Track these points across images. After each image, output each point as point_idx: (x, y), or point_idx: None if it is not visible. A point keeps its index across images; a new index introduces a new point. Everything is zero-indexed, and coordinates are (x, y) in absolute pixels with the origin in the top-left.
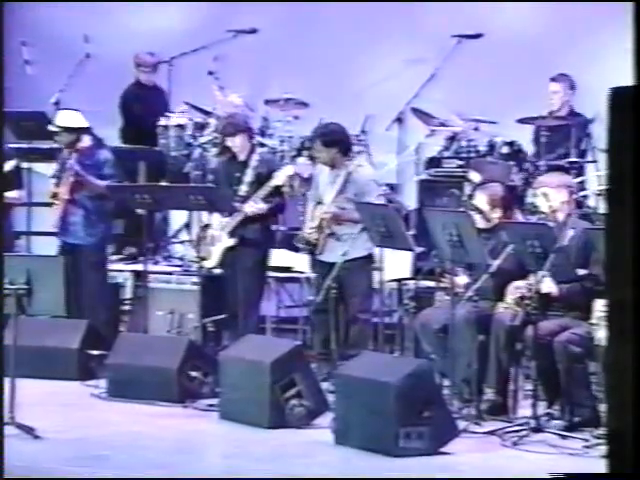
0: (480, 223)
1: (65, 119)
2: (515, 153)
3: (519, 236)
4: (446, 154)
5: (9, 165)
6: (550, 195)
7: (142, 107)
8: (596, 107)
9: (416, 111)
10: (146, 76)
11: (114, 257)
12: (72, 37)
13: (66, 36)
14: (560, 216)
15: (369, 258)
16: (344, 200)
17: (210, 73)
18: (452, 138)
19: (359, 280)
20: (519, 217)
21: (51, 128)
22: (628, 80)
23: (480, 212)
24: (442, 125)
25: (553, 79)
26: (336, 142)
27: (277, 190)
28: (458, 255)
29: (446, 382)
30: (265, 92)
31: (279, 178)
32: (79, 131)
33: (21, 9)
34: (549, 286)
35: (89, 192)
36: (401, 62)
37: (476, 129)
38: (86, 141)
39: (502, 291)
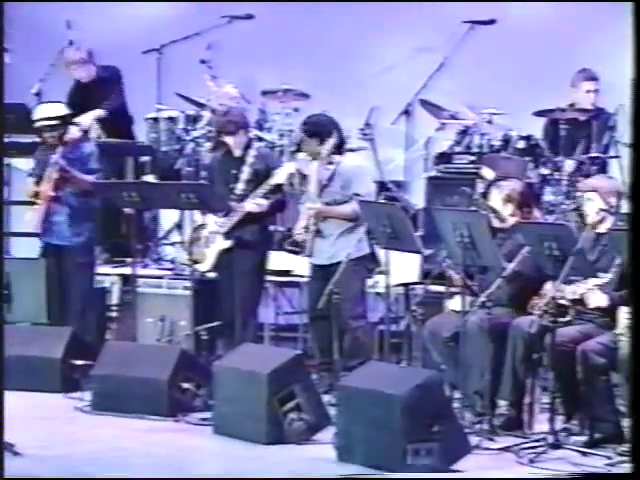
0: (494, 223)
1: (50, 110)
2: (531, 148)
3: (536, 237)
4: (457, 149)
5: None
6: (596, 202)
7: (84, 108)
8: (617, 100)
9: (425, 103)
10: (79, 72)
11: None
12: (54, 23)
13: (48, 22)
14: (602, 226)
15: (361, 259)
16: (330, 194)
17: (203, 62)
18: (464, 132)
19: (349, 283)
20: (537, 217)
21: (38, 117)
22: None
23: (494, 211)
24: (453, 118)
25: (590, 77)
26: (318, 133)
27: (277, 188)
28: (470, 258)
29: (457, 394)
30: (262, 82)
31: (279, 176)
32: (66, 122)
33: None
34: (598, 299)
35: (75, 188)
36: (409, 50)
37: (489, 122)
38: (74, 133)
39: (517, 297)
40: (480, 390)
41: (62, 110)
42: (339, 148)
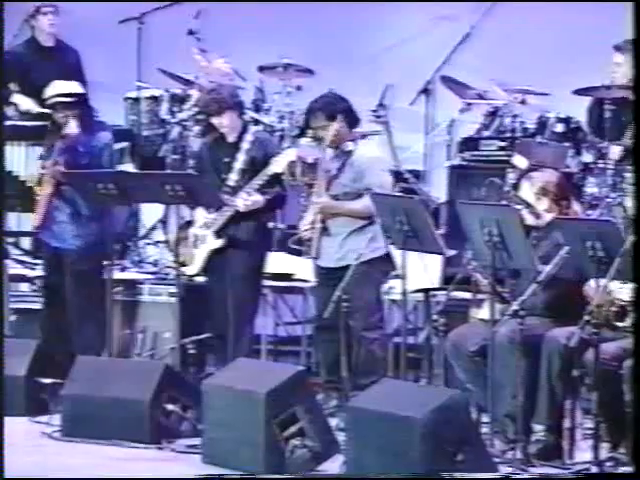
0: (528, 220)
1: (64, 89)
2: (572, 132)
3: (576, 236)
4: (485, 133)
5: None
6: None
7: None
8: None
9: (447, 80)
10: (48, 28)
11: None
12: None
13: None
14: None
15: (375, 261)
16: (340, 187)
17: (190, 33)
18: (493, 114)
19: (361, 289)
20: (577, 212)
21: (51, 93)
22: None
23: (527, 206)
24: (480, 97)
25: (617, 48)
26: (342, 112)
27: (275, 179)
28: (500, 259)
29: (485, 418)
30: (259, 57)
31: (278, 164)
32: (79, 106)
33: None
34: None
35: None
36: (428, 19)
37: (522, 102)
38: (72, 127)
39: (554, 305)
40: (512, 413)
41: (78, 88)
42: (353, 130)
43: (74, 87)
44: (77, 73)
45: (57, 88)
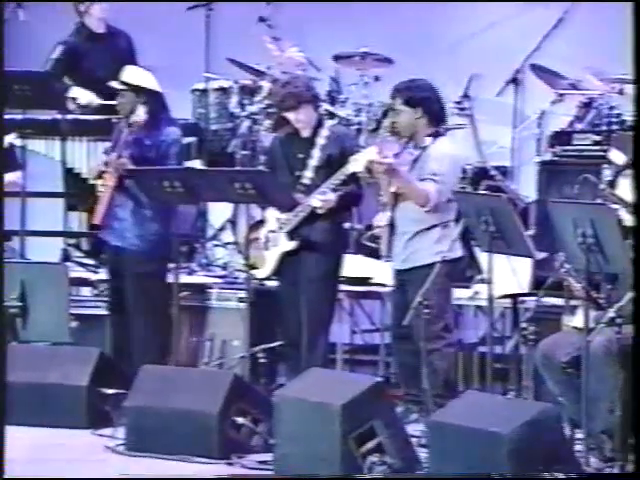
0: (626, 220)
1: (134, 76)
2: None
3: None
4: (578, 126)
5: (5, 141)
6: None
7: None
8: None
9: (538, 69)
10: (99, 13)
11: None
12: None
13: None
14: None
15: (450, 264)
16: None
17: (262, 20)
18: (587, 105)
19: (431, 296)
20: None
21: (113, 84)
22: None
23: (625, 205)
24: (573, 88)
25: None
26: (416, 102)
27: (351, 177)
28: (595, 263)
29: (579, 434)
30: (335, 45)
31: (358, 164)
32: (149, 96)
33: None
34: None
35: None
36: (516, 3)
37: (620, 92)
38: (140, 114)
39: None
40: (609, 429)
41: (149, 80)
42: (437, 126)
43: (147, 79)
44: (130, 59)
45: (129, 75)
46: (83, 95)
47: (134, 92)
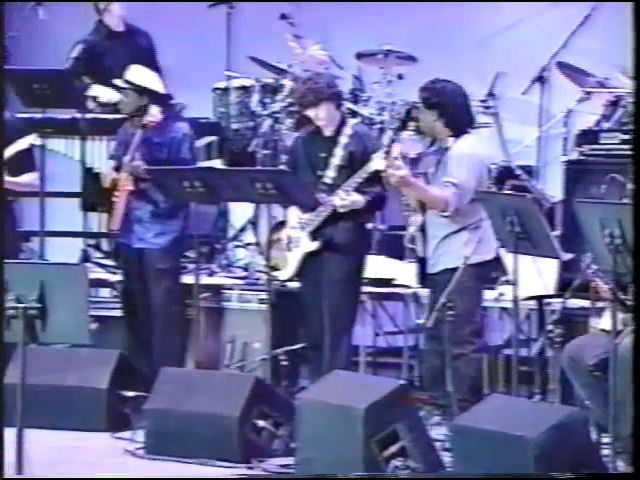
0: None
1: (138, 76)
2: None
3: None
4: (606, 125)
5: (25, 142)
6: None
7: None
8: None
9: (564, 67)
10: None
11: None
12: None
13: None
14: None
15: (478, 267)
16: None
17: (283, 17)
18: (615, 103)
19: (458, 298)
20: None
21: (117, 82)
22: None
23: None
24: (601, 86)
25: None
26: (439, 104)
27: (375, 176)
28: (623, 264)
29: (606, 438)
30: (357, 43)
31: (380, 162)
32: (153, 96)
33: None
34: None
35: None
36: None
37: None
38: (155, 114)
39: None
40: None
41: (153, 81)
42: (455, 131)
43: (151, 79)
44: (150, 57)
45: (133, 75)
46: (103, 93)
47: (137, 92)
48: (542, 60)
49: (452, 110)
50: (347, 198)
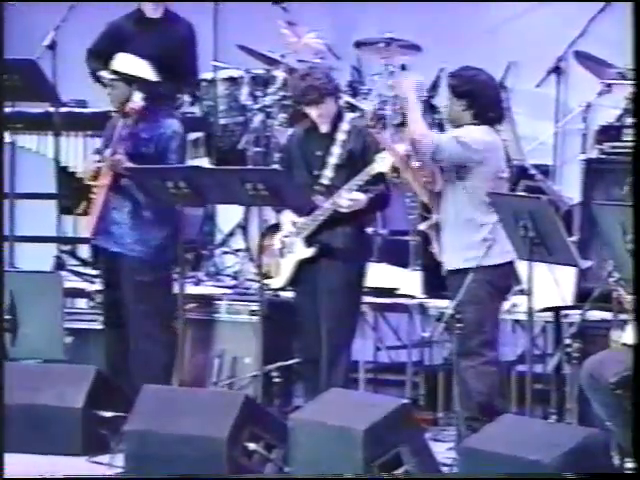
0: None
1: (126, 64)
2: None
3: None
4: (628, 121)
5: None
6: None
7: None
8: None
9: (582, 57)
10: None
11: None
12: None
13: None
14: None
15: (490, 271)
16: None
17: (276, 2)
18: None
19: (467, 305)
20: None
21: (103, 74)
22: None
23: None
24: (622, 78)
25: None
26: (468, 93)
27: (377, 176)
28: None
29: (629, 463)
30: (357, 30)
31: (384, 163)
32: (143, 86)
33: None
34: None
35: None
36: None
37: None
38: (137, 100)
39: None
40: None
41: (143, 69)
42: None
43: (141, 67)
44: (186, 48)
45: (120, 64)
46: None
47: (126, 82)
48: (558, 49)
49: (483, 102)
50: (351, 196)
